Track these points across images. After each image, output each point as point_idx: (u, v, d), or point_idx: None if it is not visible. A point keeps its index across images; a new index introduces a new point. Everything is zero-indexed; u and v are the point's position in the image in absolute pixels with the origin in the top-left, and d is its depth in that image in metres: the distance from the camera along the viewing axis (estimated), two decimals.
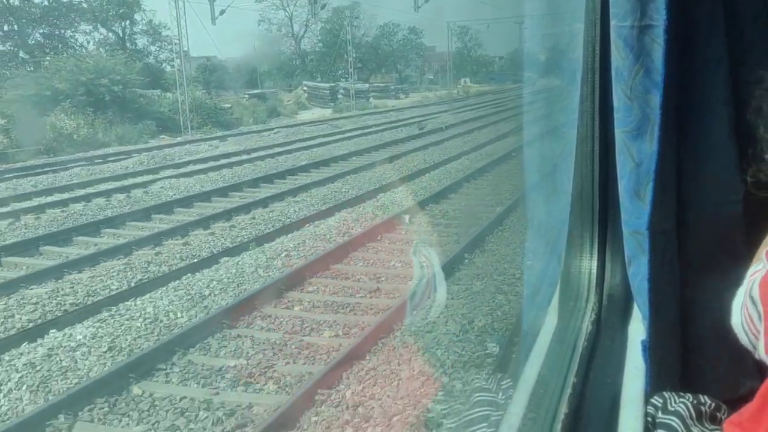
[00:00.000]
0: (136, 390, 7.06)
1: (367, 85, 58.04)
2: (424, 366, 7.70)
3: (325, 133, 32.31)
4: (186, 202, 16.99)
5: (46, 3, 45.76)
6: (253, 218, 15.07)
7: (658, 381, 1.76)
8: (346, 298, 9.79)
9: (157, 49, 52.87)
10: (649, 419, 1.65)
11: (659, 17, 1.60)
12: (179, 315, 9.20)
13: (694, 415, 1.61)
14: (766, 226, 1.39)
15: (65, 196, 17.80)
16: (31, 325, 8.86)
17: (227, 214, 15.25)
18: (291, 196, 17.29)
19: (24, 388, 7.25)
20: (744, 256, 1.44)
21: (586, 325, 1.97)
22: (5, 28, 44.16)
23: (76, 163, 23.79)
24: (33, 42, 44.91)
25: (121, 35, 50.50)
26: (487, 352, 7.75)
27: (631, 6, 1.62)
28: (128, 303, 9.59)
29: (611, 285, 2.12)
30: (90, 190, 18.51)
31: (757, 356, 1.23)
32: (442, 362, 7.71)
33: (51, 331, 8.62)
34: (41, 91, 31.87)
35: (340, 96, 51.78)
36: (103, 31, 50.27)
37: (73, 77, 33.03)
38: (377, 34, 70.40)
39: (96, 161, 24.41)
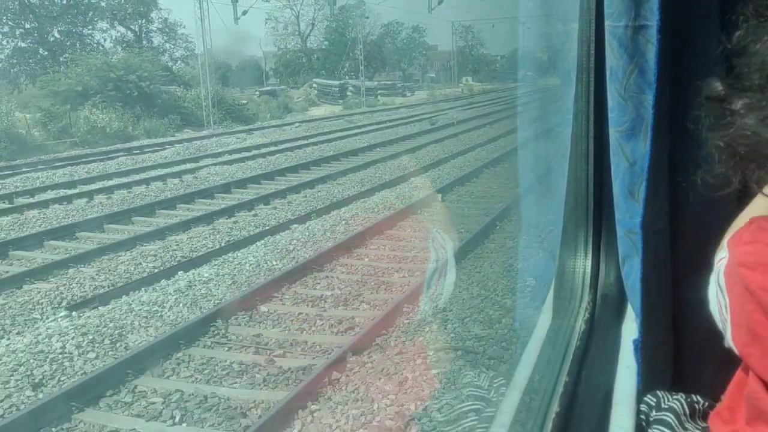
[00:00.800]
0: (263, 308, 8.59)
1: (375, 82, 55.89)
2: None
3: (343, 128, 31.58)
4: (239, 184, 17.54)
5: (64, 1, 44.58)
6: (305, 197, 15.83)
7: (650, 380, 1.62)
8: (404, 252, 10.94)
9: (172, 46, 51.49)
10: (643, 417, 1.51)
11: (653, 17, 1.46)
12: (275, 263, 10.50)
13: (687, 412, 1.48)
14: None
15: (125, 180, 18.43)
16: (157, 270, 10.18)
17: (282, 193, 16.01)
18: (332, 180, 17.86)
19: (181, 306, 8.71)
20: None
21: (580, 324, 1.83)
22: (26, 25, 43.11)
23: (117, 154, 23.80)
24: (52, 39, 43.58)
25: (138, 33, 48.97)
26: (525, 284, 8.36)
27: (625, 6, 1.48)
28: (230, 255, 10.96)
29: (605, 284, 1.96)
30: (143, 175, 19.01)
31: (725, 344, 1.13)
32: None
33: (179, 272, 10.04)
34: (72, 87, 31.40)
35: (348, 93, 49.78)
36: (121, 29, 48.63)
37: (102, 74, 32.39)
38: (381, 32, 67.07)
39: (134, 152, 24.36)
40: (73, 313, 8.34)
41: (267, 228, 12.51)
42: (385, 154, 21.89)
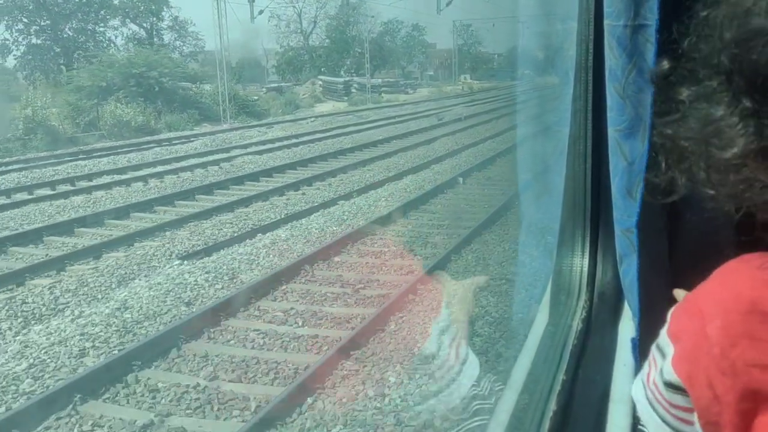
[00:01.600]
0: (336, 259, 9.54)
1: (379, 80, 53.13)
2: None
3: (355, 123, 30.36)
4: (278, 170, 17.65)
5: None
6: (341, 180, 16.19)
7: None
8: (440, 221, 11.93)
9: (182, 44, 49.15)
10: (637, 420, 1.31)
11: (652, 17, 1.28)
12: (335, 228, 11.26)
13: None
14: (754, 225, 0.96)
15: (168, 167, 18.46)
16: (238, 233, 11.07)
17: (320, 177, 16.34)
18: (362, 167, 18.04)
19: (271, 256, 9.76)
20: (733, 256, 1.01)
21: (577, 323, 1.70)
22: (41, 22, 41.30)
23: (149, 146, 23.58)
24: (65, 36, 41.78)
25: (149, 30, 46.89)
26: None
27: (624, 5, 1.31)
28: (296, 222, 11.74)
29: (602, 283, 1.80)
30: (183, 164, 19.03)
31: None
32: None
33: (258, 234, 10.98)
34: (96, 83, 30.24)
35: (353, 90, 47.32)
36: (133, 26, 46.55)
37: (125, 70, 31.19)
38: (381, 30, 62.88)
39: (164, 143, 24.04)
40: (185, 262, 9.58)
41: (317, 204, 13.22)
42: (403, 145, 21.76)
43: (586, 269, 1.77)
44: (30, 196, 14.39)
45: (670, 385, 0.88)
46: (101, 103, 28.38)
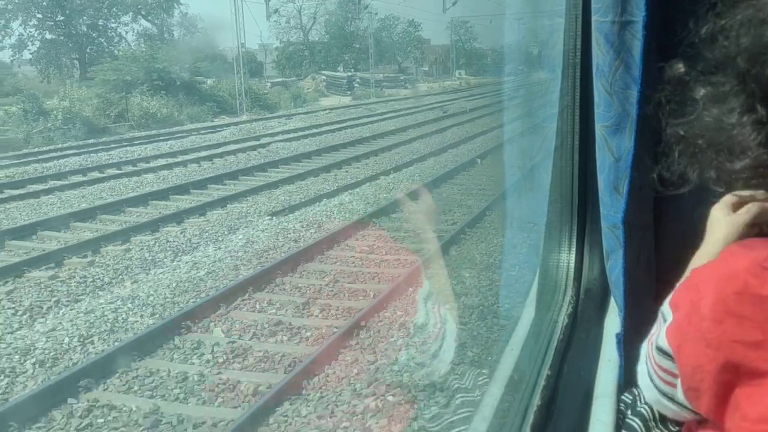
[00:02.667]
0: (393, 216, 10.00)
1: (381, 75, 50.09)
2: None
3: (367, 115, 29.12)
4: (316, 153, 17.32)
5: None
6: (375, 161, 16.03)
7: (632, 374, 1.21)
8: (469, 189, 12.19)
9: (191, 40, 46.29)
10: (620, 415, 1.19)
11: (639, 13, 1.14)
12: (385, 194, 11.73)
13: (657, 416, 1.14)
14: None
15: (209, 153, 17.84)
16: (306, 199, 11.39)
17: (356, 159, 16.20)
18: (388, 151, 17.83)
19: (343, 213, 10.41)
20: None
21: (563, 318, 1.59)
22: (56, 18, 38.69)
23: (182, 135, 22.63)
24: (79, 32, 39.15)
25: (160, 27, 44.29)
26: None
27: (612, 1, 1.16)
28: (351, 191, 12.05)
29: (589, 279, 1.62)
30: (221, 150, 18.54)
31: (674, 406, 0.86)
32: None
33: (324, 199, 11.38)
34: (122, 77, 28.99)
35: (356, 85, 44.73)
36: (144, 23, 43.80)
37: (148, 65, 29.83)
38: (378, 26, 57.51)
39: (193, 133, 23.26)
40: (274, 218, 10.33)
41: (362, 178, 13.63)
42: (419, 134, 21.43)
43: (572, 265, 1.62)
44: (102, 174, 14.65)
45: (660, 350, 0.86)
46: (126, 96, 27.60)
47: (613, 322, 1.38)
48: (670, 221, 1.32)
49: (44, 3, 38.13)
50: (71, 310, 6.82)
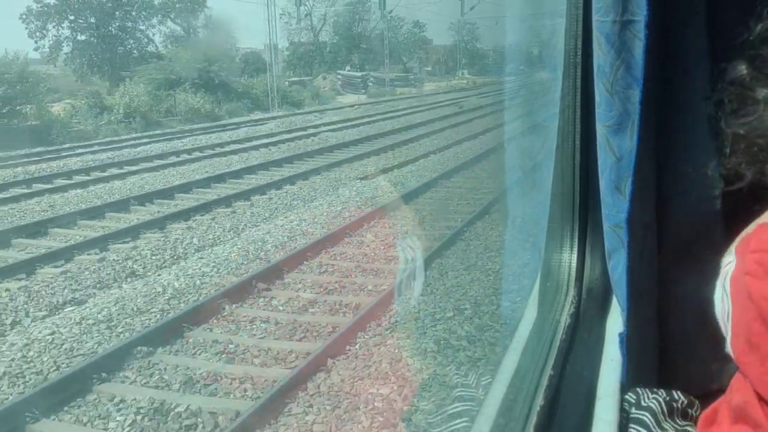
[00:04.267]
0: (443, 181, 12.58)
1: (393, 74, 50.43)
2: None
3: (391, 110, 29.85)
4: (365, 140, 19.12)
5: None
6: (413, 147, 17.82)
7: (634, 374, 1.27)
8: (480, 182, 13.21)
9: (219, 41, 46.33)
10: (624, 414, 1.17)
11: (641, 13, 1.08)
12: (428, 174, 13.54)
13: (666, 411, 1.13)
14: (744, 220, 0.90)
15: (266, 141, 19.64)
16: (379, 170, 13.78)
17: (398, 145, 18.12)
18: (424, 138, 19.37)
19: (410, 179, 12.89)
20: (723, 251, 0.92)
21: (565, 318, 1.51)
22: (88, 19, 38.92)
23: (231, 127, 24.23)
24: (111, 33, 39.31)
25: (186, 29, 44.45)
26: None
27: (612, 1, 1.11)
28: (408, 167, 14.28)
29: (591, 278, 1.55)
30: (273, 139, 20.18)
31: (726, 350, 0.84)
32: None
33: (394, 170, 13.95)
34: (167, 76, 30.24)
35: (370, 84, 45.25)
36: (171, 25, 44.04)
37: (190, 65, 31.14)
38: (384, 27, 58.12)
39: (241, 126, 25.02)
40: (362, 181, 12.90)
41: (410, 159, 15.36)
42: (445, 125, 22.80)
43: (574, 264, 1.55)
44: (190, 156, 16.56)
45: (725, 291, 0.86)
46: (172, 93, 28.94)
47: (615, 322, 1.34)
48: (673, 221, 1.27)
49: (76, 5, 38.59)
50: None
